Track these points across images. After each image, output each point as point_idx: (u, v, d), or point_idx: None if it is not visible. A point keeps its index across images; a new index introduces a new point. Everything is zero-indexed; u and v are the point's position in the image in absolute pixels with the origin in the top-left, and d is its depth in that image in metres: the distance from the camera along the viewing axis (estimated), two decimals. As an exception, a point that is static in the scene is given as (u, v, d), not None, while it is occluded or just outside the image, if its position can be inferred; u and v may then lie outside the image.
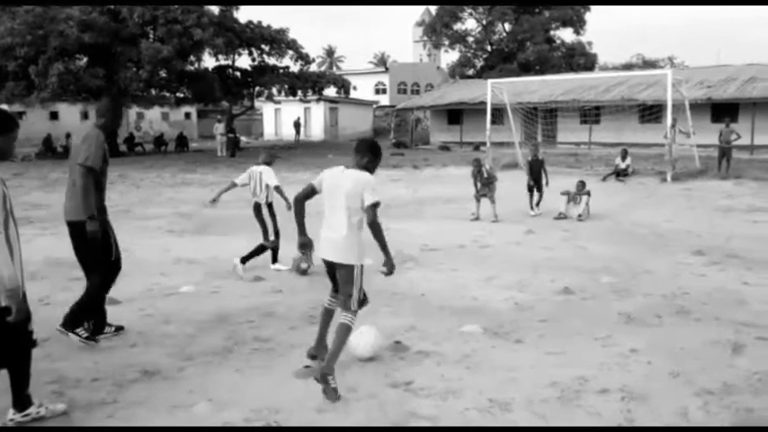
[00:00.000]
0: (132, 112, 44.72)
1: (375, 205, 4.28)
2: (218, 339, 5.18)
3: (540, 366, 4.55)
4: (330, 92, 37.09)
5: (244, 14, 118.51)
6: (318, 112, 45.39)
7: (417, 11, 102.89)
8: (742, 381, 4.26)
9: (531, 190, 12.36)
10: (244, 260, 7.46)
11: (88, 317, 5.08)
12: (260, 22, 31.21)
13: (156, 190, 16.73)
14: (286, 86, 32.37)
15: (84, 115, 44.23)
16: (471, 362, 4.66)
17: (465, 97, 34.99)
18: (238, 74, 33.26)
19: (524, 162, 12.18)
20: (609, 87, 31.18)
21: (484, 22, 52.56)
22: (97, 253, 4.98)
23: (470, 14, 52.72)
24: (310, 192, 4.52)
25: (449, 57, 67.84)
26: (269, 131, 49.16)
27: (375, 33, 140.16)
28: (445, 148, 33.84)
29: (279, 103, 43.07)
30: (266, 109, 48.38)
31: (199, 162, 25.75)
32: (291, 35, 31.90)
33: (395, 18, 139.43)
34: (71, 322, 4.97)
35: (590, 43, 51.62)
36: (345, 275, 4.38)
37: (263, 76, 31.99)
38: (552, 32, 51.00)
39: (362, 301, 4.45)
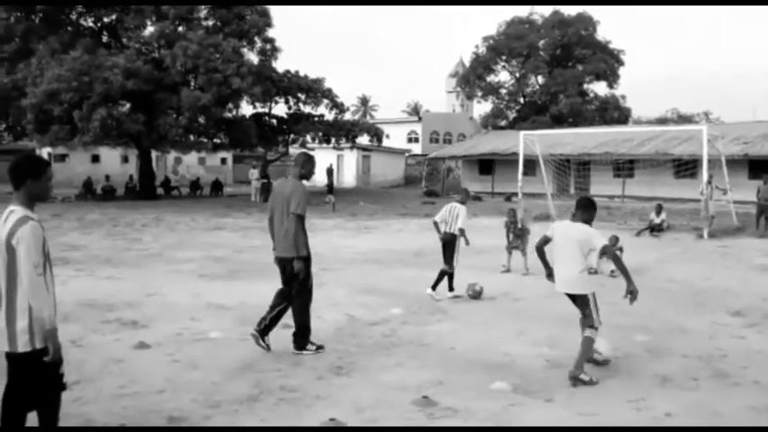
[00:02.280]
0: (170, 156, 45.82)
1: (607, 247, 5.84)
2: (245, 387, 5.17)
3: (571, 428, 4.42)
4: (363, 139, 37.62)
5: (282, 63, 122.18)
6: (351, 159, 45.94)
7: (452, 61, 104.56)
8: (784, 451, 4.08)
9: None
10: (433, 287, 8.90)
11: (308, 333, 6.20)
12: (297, 72, 32.06)
13: (191, 234, 17.00)
14: (320, 134, 32.97)
15: (125, 159, 45.49)
16: (500, 420, 4.57)
17: (497, 148, 35.17)
18: (274, 121, 34.03)
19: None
20: (643, 141, 31.04)
21: (517, 74, 53.13)
22: (303, 283, 6.16)
23: (503, 67, 53.39)
24: (545, 241, 6.03)
25: (481, 107, 68.43)
26: (302, 178, 49.74)
27: (409, 83, 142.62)
28: (477, 198, 33.83)
29: (312, 150, 43.78)
30: (300, 156, 49.09)
31: (233, 207, 26.17)
32: (327, 84, 32.68)
33: (429, 68, 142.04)
34: (300, 343, 6.15)
35: (623, 97, 51.68)
36: (581, 303, 5.81)
37: (298, 124, 32.67)
38: (585, 86, 51.25)
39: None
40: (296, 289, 6.23)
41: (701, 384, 5.42)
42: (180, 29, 29.20)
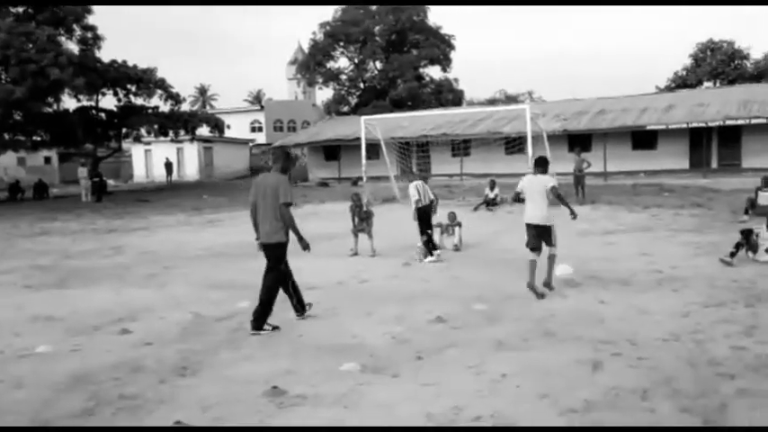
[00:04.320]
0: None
1: (554, 188, 7.88)
2: (78, 401, 4.80)
3: (416, 399, 4.60)
4: (204, 131, 36.27)
5: (108, 53, 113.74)
6: (192, 152, 44.12)
7: (290, 48, 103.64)
8: (601, 396, 4.53)
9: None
10: (432, 252, 10.79)
11: (269, 313, 6.66)
12: (125, 62, 30.07)
13: (10, 241, 15.44)
14: (156, 127, 31.28)
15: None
16: (349, 401, 4.63)
17: (341, 134, 35.49)
18: (103, 115, 31.78)
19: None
20: (476, 122, 32.84)
21: (356, 60, 53.82)
22: (278, 263, 6.76)
23: (342, 53, 53.82)
24: (517, 194, 8.22)
25: (323, 94, 68.67)
26: (139, 173, 47.08)
27: (249, 71, 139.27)
28: (324, 184, 33.97)
29: (149, 144, 41.47)
30: (135, 150, 46.37)
31: (61, 209, 24.10)
32: (160, 74, 31.01)
33: (268, 55, 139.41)
34: (258, 324, 6.55)
35: (456, 80, 54.19)
36: (549, 232, 7.96)
37: (130, 117, 30.75)
38: (421, 70, 53.11)
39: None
40: (270, 267, 6.75)
41: (532, 344, 5.87)
42: (-16, 16, 26.22)
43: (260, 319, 6.58)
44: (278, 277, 6.78)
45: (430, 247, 11.00)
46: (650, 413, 4.26)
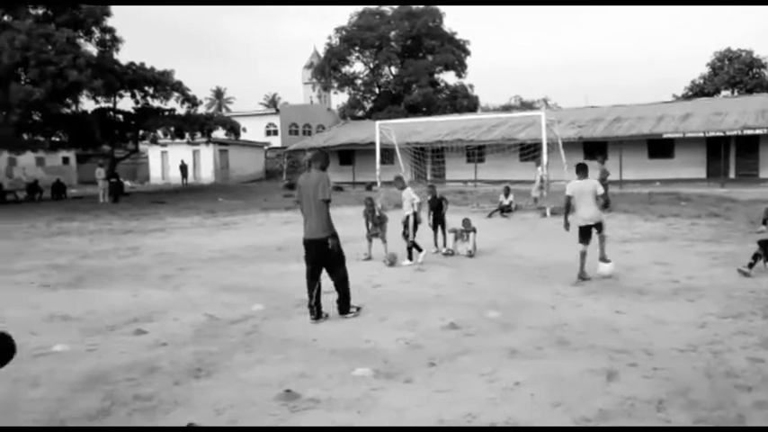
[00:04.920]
0: (2, 158, 41.72)
1: (604, 194, 10.24)
2: (94, 401, 4.84)
3: (429, 405, 4.59)
4: (220, 134, 36.51)
5: (126, 55, 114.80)
6: (208, 154, 44.44)
7: (306, 53, 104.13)
8: (616, 406, 4.50)
9: (434, 228, 12.60)
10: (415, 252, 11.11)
11: (350, 299, 7.35)
12: (143, 64, 30.39)
13: (29, 241, 15.61)
14: (172, 129, 31.54)
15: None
16: (362, 405, 4.64)
17: (355, 138, 35.59)
18: (120, 117, 32.08)
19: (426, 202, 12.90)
20: (491, 128, 32.81)
21: (371, 65, 53.98)
22: (338, 256, 7.24)
23: (357, 58, 54.02)
24: (568, 199, 9.44)
25: (339, 98, 68.88)
26: (155, 175, 47.47)
27: (265, 75, 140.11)
28: (338, 188, 34.02)
29: (165, 146, 41.83)
30: (152, 152, 46.79)
31: (78, 209, 24.36)
32: (177, 77, 31.29)
33: (285, 60, 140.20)
34: (344, 308, 7.31)
35: (471, 86, 54.24)
36: (601, 226, 9.23)
37: (147, 119, 31.02)
38: (436, 75, 53.17)
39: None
40: (333, 263, 7.26)
41: (546, 353, 5.84)
42: (5, 18, 26.56)
43: (344, 305, 7.35)
44: (345, 269, 7.37)
45: (411, 252, 11.32)
46: (666, 424, 4.22)
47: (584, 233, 9.14)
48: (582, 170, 9.39)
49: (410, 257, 11.23)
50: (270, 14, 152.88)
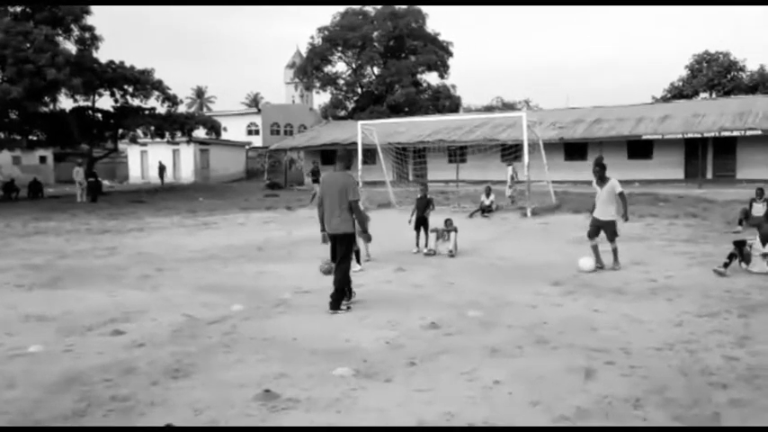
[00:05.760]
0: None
1: (621, 193, 10.00)
2: (69, 402, 4.78)
3: (409, 404, 4.59)
4: (201, 133, 36.26)
5: (106, 54, 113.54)
6: (188, 154, 44.13)
7: (288, 52, 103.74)
8: (594, 404, 4.53)
9: (417, 228, 12.56)
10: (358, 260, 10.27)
11: (343, 296, 7.61)
12: (122, 63, 30.08)
13: (4, 240, 15.38)
14: (152, 128, 31.25)
15: None
16: (341, 405, 4.62)
17: (338, 138, 35.53)
18: (99, 115, 31.72)
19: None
20: (472, 128, 32.94)
21: (354, 65, 53.92)
22: (347, 252, 7.72)
23: (340, 58, 53.94)
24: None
25: (321, 98, 68.68)
26: (135, 175, 47.05)
27: (246, 74, 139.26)
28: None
29: (145, 145, 41.44)
30: (131, 151, 46.36)
31: (56, 209, 24.04)
32: (158, 75, 31.02)
33: (267, 59, 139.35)
34: (335, 305, 7.48)
35: (454, 86, 54.38)
36: (612, 226, 9.94)
37: (126, 118, 30.71)
38: (419, 76, 53.26)
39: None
40: (342, 256, 7.62)
41: (525, 351, 5.87)
42: (-19, 15, 26.17)
43: (336, 301, 7.52)
44: (348, 267, 7.73)
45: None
46: (642, 422, 4.26)
47: (593, 227, 10.03)
48: (599, 166, 10.08)
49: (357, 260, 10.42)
50: (252, 14, 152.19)
